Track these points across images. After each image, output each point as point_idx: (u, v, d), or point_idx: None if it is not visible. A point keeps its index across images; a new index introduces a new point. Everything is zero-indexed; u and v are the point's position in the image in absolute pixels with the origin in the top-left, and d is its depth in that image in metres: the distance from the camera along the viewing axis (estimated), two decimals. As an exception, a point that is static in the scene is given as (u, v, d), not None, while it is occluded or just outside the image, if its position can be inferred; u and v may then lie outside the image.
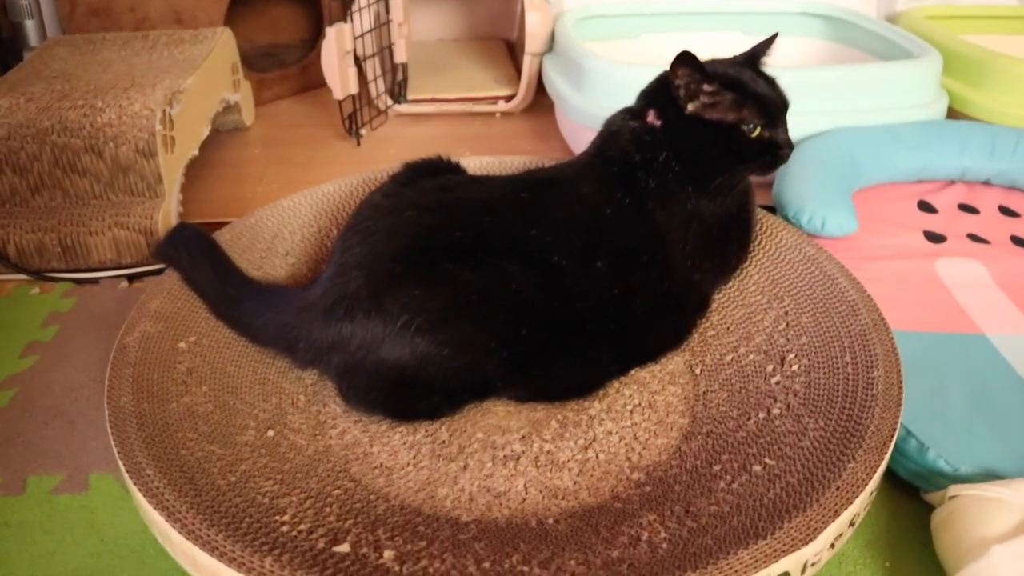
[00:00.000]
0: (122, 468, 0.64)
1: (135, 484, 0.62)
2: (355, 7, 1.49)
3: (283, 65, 1.79)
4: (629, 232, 0.85)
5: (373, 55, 1.56)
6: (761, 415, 0.76)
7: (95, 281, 1.13)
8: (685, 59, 0.83)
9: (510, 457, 0.75)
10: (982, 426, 0.79)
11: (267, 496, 0.65)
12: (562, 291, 0.79)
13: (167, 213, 1.15)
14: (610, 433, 0.78)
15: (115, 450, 0.65)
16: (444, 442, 0.76)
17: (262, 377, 0.82)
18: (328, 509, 0.66)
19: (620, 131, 0.90)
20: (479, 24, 2.00)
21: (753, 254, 0.97)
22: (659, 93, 0.89)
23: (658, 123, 0.88)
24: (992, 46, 1.47)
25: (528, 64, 1.58)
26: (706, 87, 0.84)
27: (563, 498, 0.70)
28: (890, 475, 0.79)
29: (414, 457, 0.75)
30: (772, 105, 0.86)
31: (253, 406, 0.78)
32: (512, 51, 1.90)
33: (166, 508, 0.60)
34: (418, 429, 0.78)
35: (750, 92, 0.85)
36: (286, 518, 0.63)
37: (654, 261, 0.85)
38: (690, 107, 0.85)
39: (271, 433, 0.75)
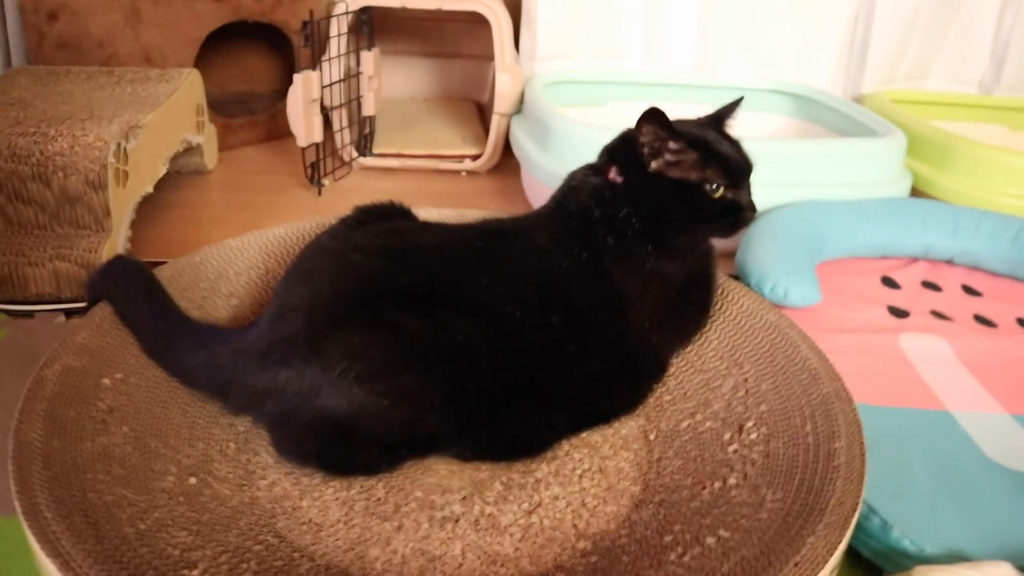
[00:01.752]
0: (18, 508, 0.58)
1: (29, 527, 0.56)
2: (326, 57, 1.48)
3: (252, 112, 1.77)
4: (586, 288, 0.82)
5: (340, 106, 1.54)
6: (717, 484, 0.72)
7: (30, 315, 1.08)
8: (652, 115, 0.81)
9: (448, 519, 0.70)
10: (948, 505, 0.76)
11: (178, 548, 0.59)
12: (513, 345, 0.76)
13: (113, 248, 1.10)
14: (557, 498, 0.73)
15: (13, 489, 0.60)
16: (380, 499, 0.71)
17: (191, 421, 0.77)
18: (245, 566, 0.60)
19: (581, 186, 0.88)
20: (452, 85, 2.01)
21: (713, 319, 0.95)
22: (622, 149, 0.87)
23: (620, 179, 0.86)
24: (956, 131, 1.50)
25: (496, 124, 1.58)
26: (671, 144, 0.83)
27: (502, 565, 0.65)
28: (852, 554, 0.75)
29: (346, 514, 0.69)
30: (736, 167, 0.85)
31: (177, 451, 0.72)
32: (483, 113, 1.90)
33: (60, 555, 0.54)
34: (352, 484, 0.72)
35: (715, 152, 0.84)
36: (195, 573, 0.57)
37: (611, 320, 0.82)
38: (654, 165, 0.84)
39: (193, 480, 0.69)
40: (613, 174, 0.86)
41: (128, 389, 0.76)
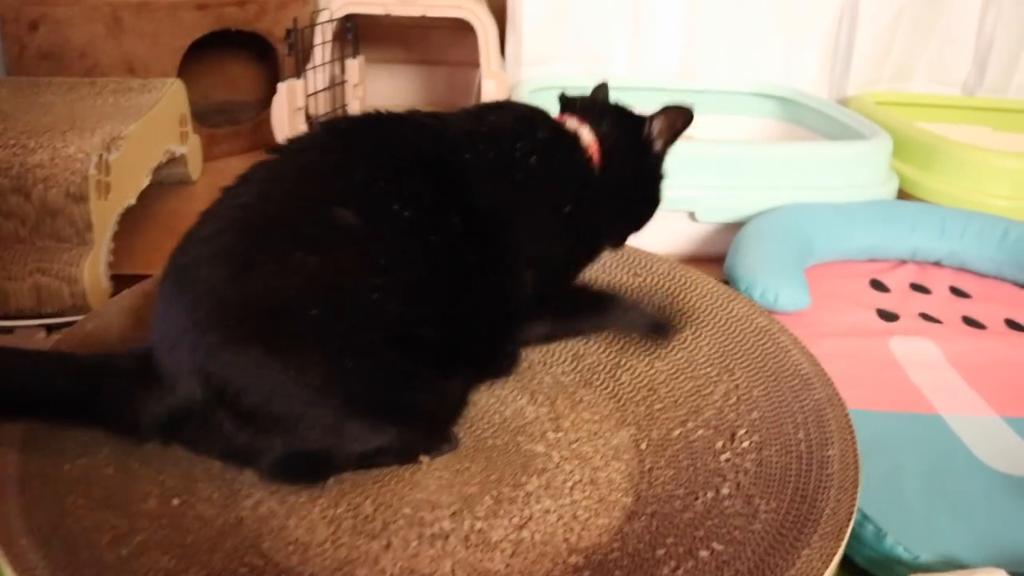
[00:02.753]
0: (-6, 536, 0.57)
1: (5, 555, 0.54)
2: (310, 65, 1.47)
3: (236, 122, 1.75)
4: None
5: (326, 114, 1.53)
6: (710, 495, 0.71)
7: (10, 331, 1.06)
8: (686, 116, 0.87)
9: (438, 536, 0.68)
10: (942, 511, 0.76)
11: (161, 573, 0.58)
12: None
13: (95, 261, 1.09)
14: (548, 511, 0.72)
15: (-12, 516, 0.58)
16: (367, 517, 0.70)
17: (174, 439, 0.75)
18: (230, 589, 0.59)
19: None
20: (437, 92, 2.00)
21: (703, 324, 0.94)
22: (611, 121, 0.86)
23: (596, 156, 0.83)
24: (939, 133, 1.50)
25: (483, 129, 1.57)
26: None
27: (494, 582, 0.64)
28: (846, 562, 0.74)
29: (333, 533, 0.68)
30: None
31: (160, 471, 0.71)
32: (470, 119, 1.89)
33: (38, 585, 0.53)
34: (340, 502, 0.71)
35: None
36: (179, 599, 0.56)
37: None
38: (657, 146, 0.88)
39: (176, 502, 0.68)
40: (591, 146, 0.82)
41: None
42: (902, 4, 1.70)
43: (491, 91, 1.53)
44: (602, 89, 0.93)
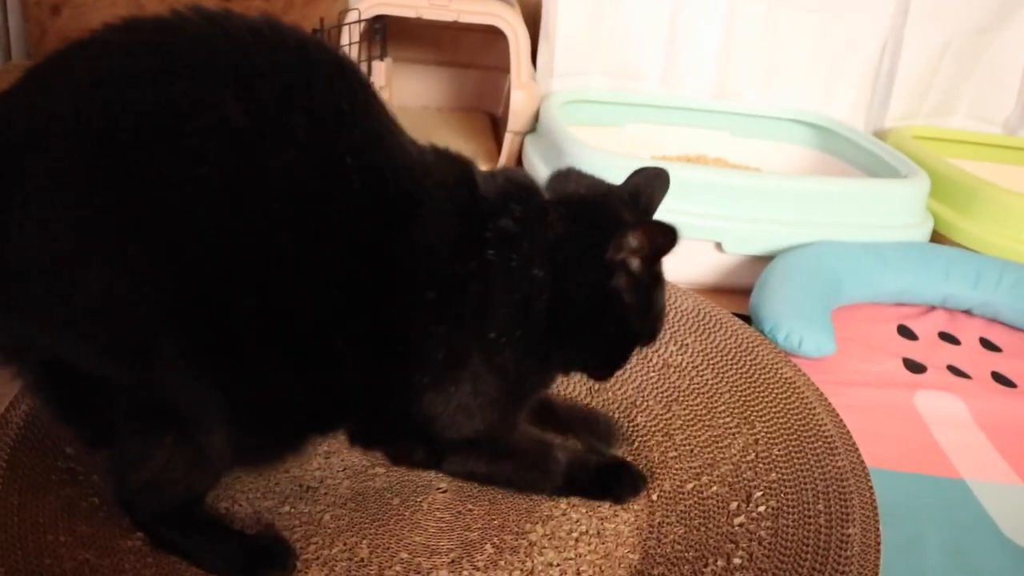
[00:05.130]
0: (-32, 576, 0.55)
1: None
2: (337, 65, 1.44)
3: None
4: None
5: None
6: (720, 563, 0.68)
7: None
8: (669, 234, 0.62)
9: (435, 586, 0.66)
10: (963, 591, 0.72)
11: (142, 618, 0.56)
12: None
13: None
14: (551, 565, 0.69)
15: (-35, 553, 0.56)
16: (363, 560, 0.67)
17: (169, 463, 0.73)
18: (214, 637, 0.57)
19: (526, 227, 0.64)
20: (466, 96, 1.97)
21: (725, 370, 0.91)
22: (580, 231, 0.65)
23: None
24: (977, 172, 1.46)
25: (509, 142, 1.53)
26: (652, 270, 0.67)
27: (490, 642, 0.61)
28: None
29: (326, 576, 0.65)
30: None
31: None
32: (496, 126, 1.86)
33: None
34: (335, 541, 0.68)
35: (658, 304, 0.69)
36: (159, 649, 0.53)
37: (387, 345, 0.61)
38: (616, 282, 0.65)
39: (165, 535, 0.66)
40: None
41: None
42: (948, 37, 1.65)
43: (520, 102, 1.50)
44: (566, 179, 0.70)
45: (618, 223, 0.64)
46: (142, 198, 0.51)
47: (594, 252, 0.63)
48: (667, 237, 0.62)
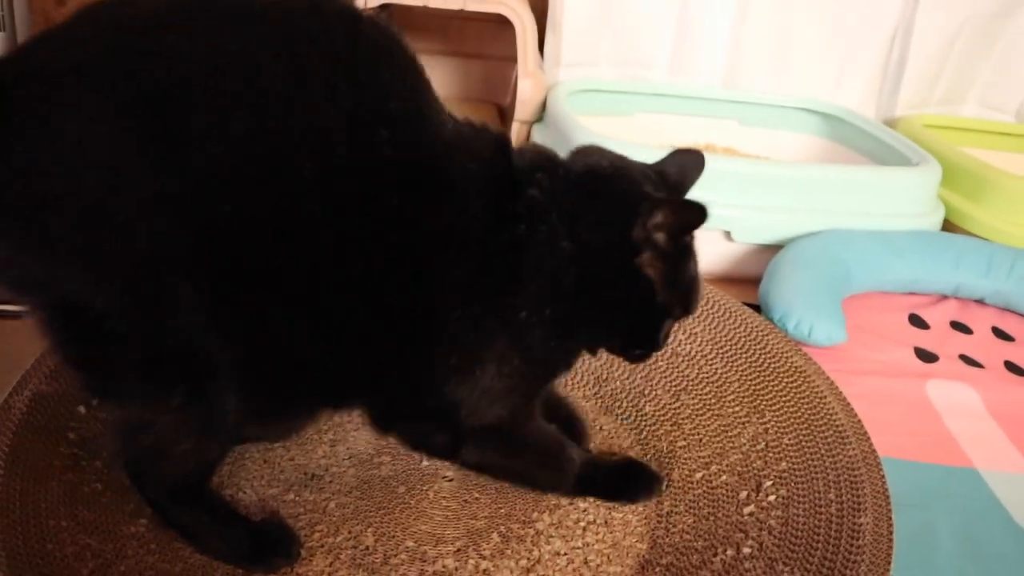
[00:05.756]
0: (-29, 560, 0.54)
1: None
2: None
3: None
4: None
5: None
6: (729, 552, 0.67)
7: (16, 315, 1.03)
8: (698, 212, 0.61)
9: (440, 574, 0.65)
10: (975, 578, 0.71)
11: (145, 605, 0.55)
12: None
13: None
14: (558, 554, 0.68)
15: (-33, 538, 0.55)
16: (368, 548, 0.67)
17: (173, 450, 0.73)
18: (218, 624, 0.56)
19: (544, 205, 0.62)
20: (472, 86, 1.96)
21: (734, 358, 0.90)
22: (599, 203, 0.63)
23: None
24: (989, 161, 1.44)
25: (516, 132, 1.52)
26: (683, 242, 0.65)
27: (496, 631, 0.61)
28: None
29: (331, 564, 0.65)
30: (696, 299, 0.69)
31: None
32: (504, 117, 1.85)
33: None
34: (340, 529, 0.68)
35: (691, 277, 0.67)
36: (162, 636, 0.53)
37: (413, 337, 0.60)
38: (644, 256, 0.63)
39: (167, 522, 0.65)
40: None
41: (105, 417, 0.71)
42: (959, 24, 1.63)
43: (527, 91, 1.49)
44: (588, 153, 0.67)
45: (642, 198, 0.62)
46: (175, 144, 0.51)
47: (619, 228, 0.62)
48: (695, 214, 0.60)
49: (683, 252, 0.65)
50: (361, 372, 0.61)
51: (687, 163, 0.70)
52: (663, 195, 0.64)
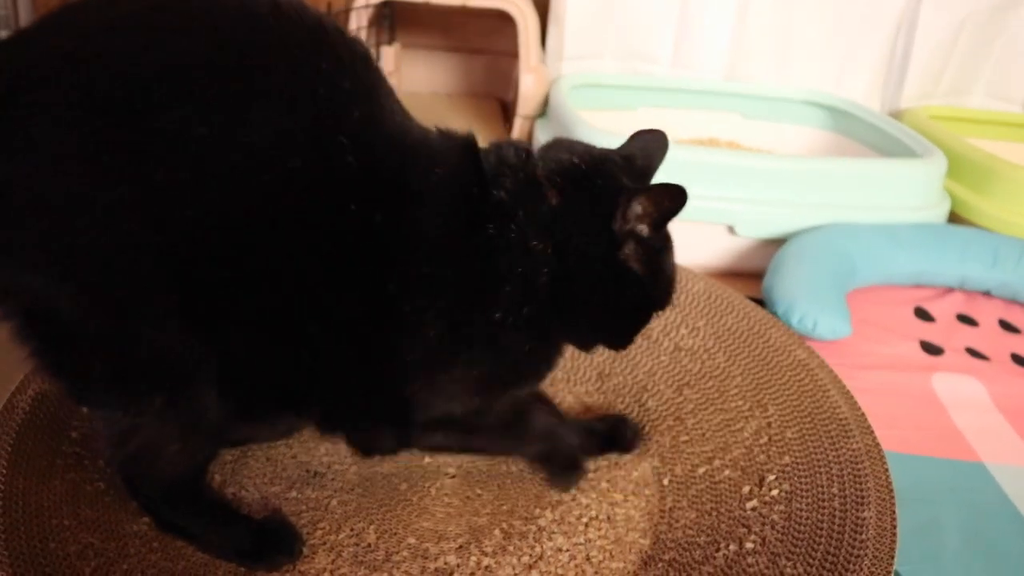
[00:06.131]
0: (-28, 560, 0.54)
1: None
2: (344, 51, 1.43)
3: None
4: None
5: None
6: (732, 547, 0.66)
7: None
8: (677, 195, 0.59)
9: (442, 571, 0.65)
10: (981, 573, 0.71)
11: (147, 604, 0.55)
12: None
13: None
14: (560, 550, 0.68)
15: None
16: (370, 545, 0.67)
17: (176, 449, 0.73)
18: (219, 622, 0.56)
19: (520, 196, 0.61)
20: (475, 81, 1.95)
21: (737, 352, 0.89)
22: (583, 196, 0.62)
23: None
24: (996, 152, 1.43)
25: (518, 127, 1.52)
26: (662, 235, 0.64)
27: (498, 628, 0.61)
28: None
29: (332, 562, 0.65)
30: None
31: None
32: (507, 112, 1.84)
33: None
34: (342, 527, 0.68)
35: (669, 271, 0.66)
36: (163, 634, 0.53)
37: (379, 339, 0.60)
38: (626, 250, 0.62)
39: (170, 521, 0.65)
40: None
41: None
42: (964, 15, 1.62)
43: (530, 86, 1.49)
44: (556, 148, 0.66)
45: (618, 190, 0.61)
46: (136, 151, 0.51)
47: (598, 222, 0.61)
48: (675, 198, 0.59)
49: (664, 241, 0.64)
50: (324, 375, 0.61)
51: (651, 145, 0.68)
52: (635, 183, 0.63)
